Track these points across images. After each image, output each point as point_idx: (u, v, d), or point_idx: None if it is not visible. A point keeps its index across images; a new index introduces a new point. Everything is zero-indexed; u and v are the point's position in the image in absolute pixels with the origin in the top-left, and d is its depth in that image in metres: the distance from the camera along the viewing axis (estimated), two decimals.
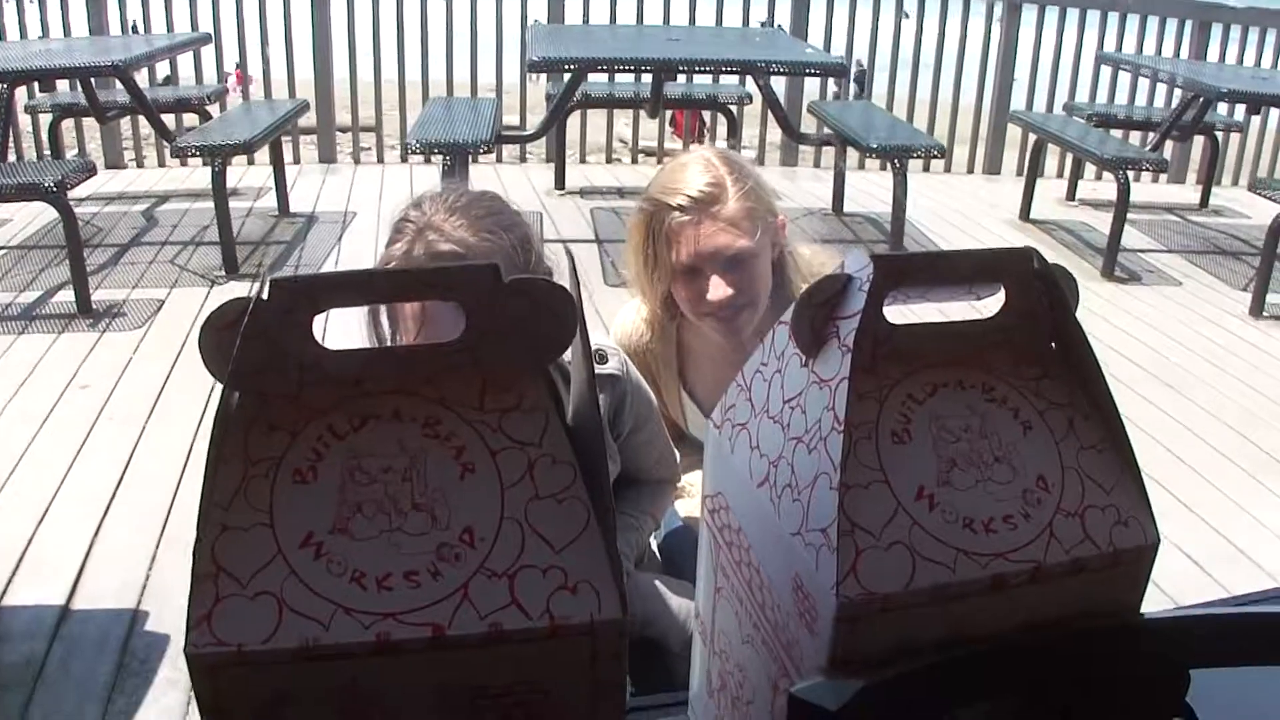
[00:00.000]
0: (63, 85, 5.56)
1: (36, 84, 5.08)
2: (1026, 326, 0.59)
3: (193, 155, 4.40)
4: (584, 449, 0.53)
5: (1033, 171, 5.81)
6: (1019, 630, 0.55)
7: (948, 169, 6.76)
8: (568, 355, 0.57)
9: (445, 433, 0.54)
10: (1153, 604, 0.58)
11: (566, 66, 4.55)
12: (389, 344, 1.27)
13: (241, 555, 0.50)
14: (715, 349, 1.86)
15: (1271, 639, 0.57)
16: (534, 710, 0.52)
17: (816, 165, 6.70)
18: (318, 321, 0.54)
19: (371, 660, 0.49)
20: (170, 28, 6.18)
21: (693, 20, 6.36)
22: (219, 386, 0.53)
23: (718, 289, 1.64)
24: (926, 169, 6.63)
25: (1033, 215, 5.78)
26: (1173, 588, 2.59)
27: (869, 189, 5.96)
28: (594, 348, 1.41)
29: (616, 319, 1.96)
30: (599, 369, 1.39)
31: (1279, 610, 0.57)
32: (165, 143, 5.26)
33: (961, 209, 5.97)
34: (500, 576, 0.50)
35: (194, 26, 6.18)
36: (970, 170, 6.88)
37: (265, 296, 0.53)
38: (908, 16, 6.51)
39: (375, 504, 0.52)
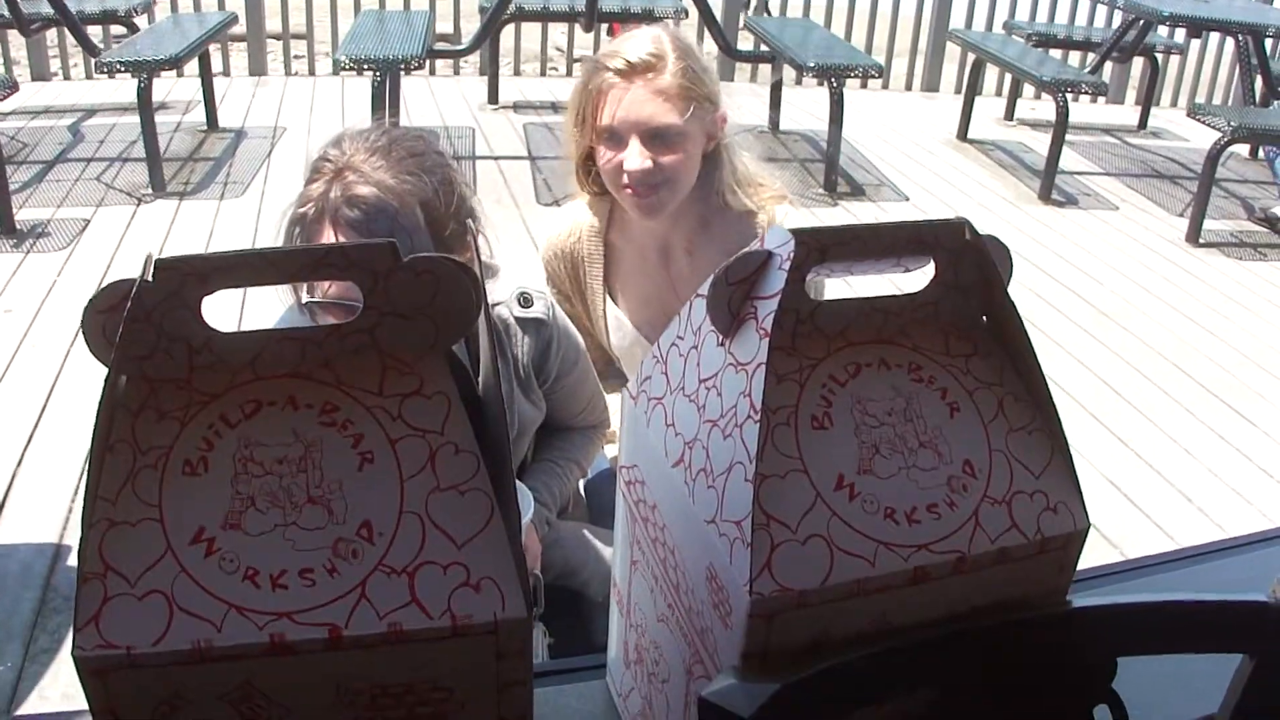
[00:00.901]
0: None
1: None
2: (956, 300, 0.57)
3: (119, 71, 4.23)
4: (488, 436, 0.51)
5: (971, 90, 5.78)
6: (942, 621, 0.54)
7: (885, 86, 6.71)
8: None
9: (342, 420, 0.51)
10: (1091, 548, 0.57)
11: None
12: (306, 299, 1.22)
13: (130, 552, 0.48)
14: (641, 254, 1.85)
15: (1199, 626, 0.56)
16: (438, 709, 0.50)
17: (753, 81, 6.61)
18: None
19: (267, 661, 0.47)
20: None
21: None
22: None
23: (635, 157, 1.63)
24: (864, 86, 6.58)
25: (970, 135, 5.77)
26: (1111, 529, 2.64)
27: (807, 106, 5.90)
28: (520, 291, 1.37)
29: (549, 220, 1.95)
30: (524, 313, 1.36)
31: (1208, 597, 0.56)
32: (90, 57, 5.06)
33: (899, 128, 5.94)
34: (400, 574, 0.48)
35: None
36: (909, 88, 6.84)
37: (150, 278, 0.49)
38: None
39: (269, 497, 0.49)
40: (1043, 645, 0.55)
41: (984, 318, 0.58)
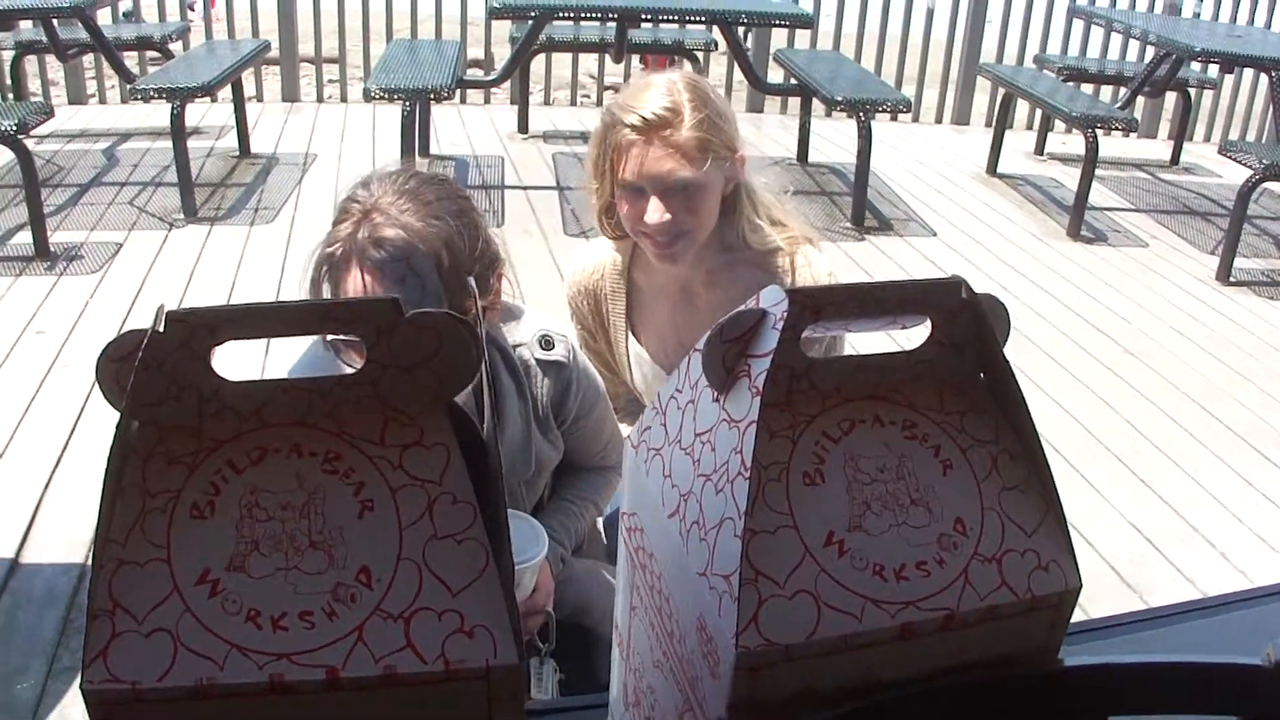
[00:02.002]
0: (26, 24, 5.43)
1: None
2: (952, 358, 0.58)
3: (152, 97, 4.31)
4: (486, 485, 0.52)
5: (1001, 124, 5.79)
6: (930, 676, 0.55)
7: (915, 118, 6.73)
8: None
9: (344, 468, 0.52)
10: (1107, 588, 0.58)
11: (528, 14, 4.47)
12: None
13: (138, 591, 0.49)
14: (663, 293, 1.86)
15: (1192, 688, 0.57)
16: None
17: (784, 113, 6.64)
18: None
19: (266, 700, 0.48)
20: None
21: None
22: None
23: (655, 213, 1.65)
24: (895, 118, 6.59)
25: (1000, 169, 5.77)
26: (1128, 570, 2.62)
27: (835, 139, 5.92)
28: (542, 333, 1.39)
29: (573, 256, 1.96)
30: (545, 355, 1.37)
31: (1201, 659, 0.56)
32: (125, 83, 5.16)
33: (928, 161, 5.95)
34: (396, 619, 0.49)
35: None
36: (939, 120, 6.85)
37: (161, 329, 0.51)
38: None
39: (272, 541, 0.50)
40: (1033, 704, 0.56)
41: (981, 375, 0.59)
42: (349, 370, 0.53)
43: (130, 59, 5.62)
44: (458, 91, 6.21)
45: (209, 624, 0.49)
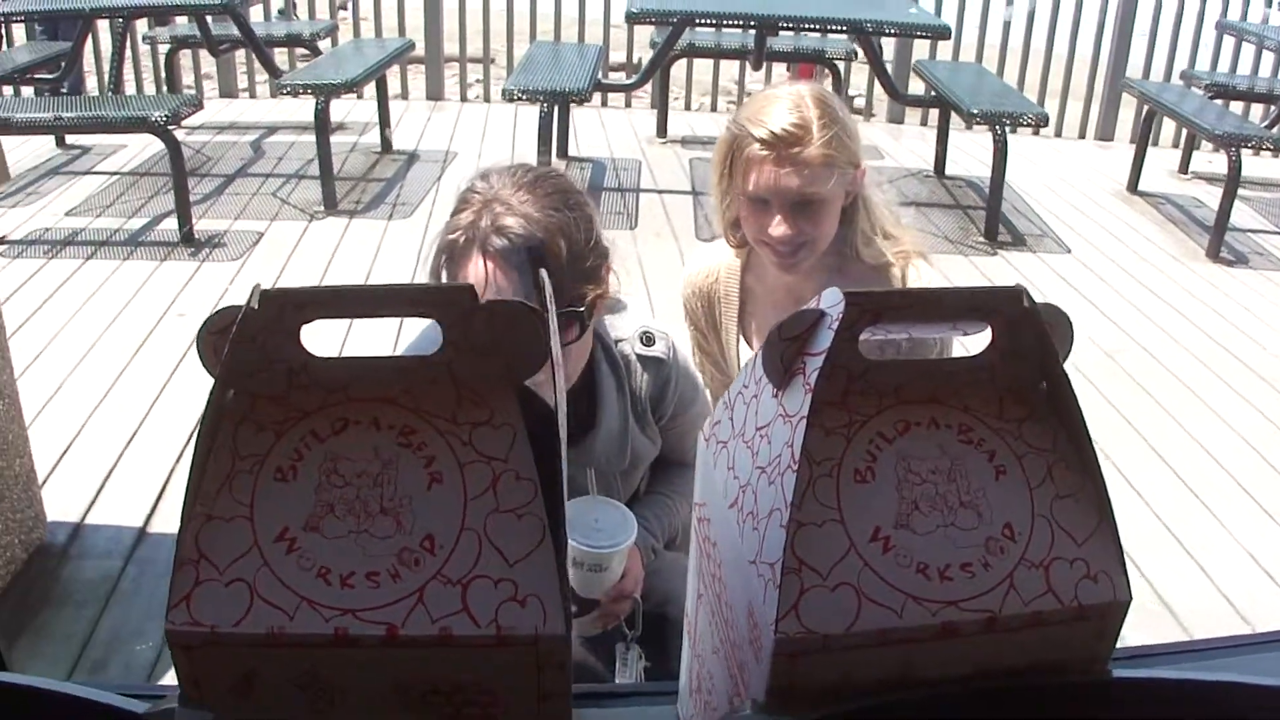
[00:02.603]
0: (182, 20, 5.71)
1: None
2: (1013, 366, 0.59)
3: (298, 93, 4.49)
4: (547, 467, 0.55)
5: (1144, 141, 5.60)
6: (971, 677, 0.55)
7: (1058, 133, 6.56)
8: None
9: (418, 442, 0.56)
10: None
11: (667, 20, 4.51)
12: None
13: (221, 544, 0.54)
14: (775, 296, 1.88)
15: (1242, 709, 0.56)
16: (484, 711, 0.54)
17: (924, 124, 6.55)
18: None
19: (331, 651, 0.52)
20: None
21: None
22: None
23: (779, 226, 1.66)
24: (1036, 133, 6.44)
25: (1141, 187, 5.58)
26: (1247, 606, 2.51)
27: (975, 152, 5.81)
28: (643, 330, 1.42)
29: (689, 258, 1.98)
30: (645, 350, 1.40)
31: (1252, 681, 0.56)
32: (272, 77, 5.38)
33: (1067, 177, 5.79)
34: (455, 584, 0.52)
35: None
36: (1082, 135, 6.66)
37: (255, 306, 0.55)
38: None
39: (347, 505, 0.54)
40: (1076, 712, 0.56)
41: (1043, 384, 0.59)
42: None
43: (280, 55, 5.86)
44: (599, 95, 6.31)
45: (283, 577, 0.53)
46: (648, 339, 1.41)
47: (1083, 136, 6.67)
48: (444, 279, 1.29)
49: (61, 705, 0.55)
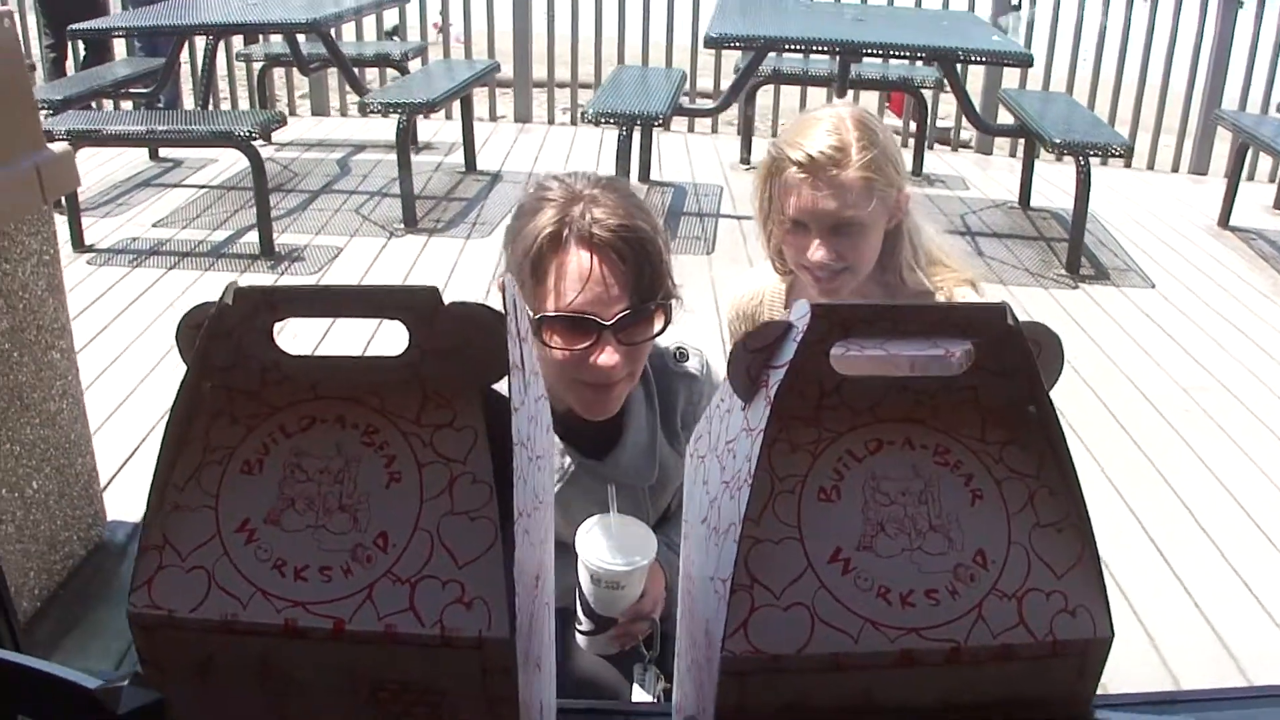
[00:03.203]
0: (276, 38, 5.87)
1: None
2: (998, 387, 0.57)
3: (386, 111, 4.57)
4: (504, 472, 0.55)
5: (1235, 174, 5.42)
6: (935, 710, 0.53)
7: (1150, 166, 6.40)
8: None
9: (380, 441, 0.56)
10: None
11: (747, 45, 4.51)
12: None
13: (185, 532, 0.54)
14: None
15: None
16: (432, 710, 0.54)
17: (1012, 155, 6.44)
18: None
19: (281, 641, 0.52)
20: None
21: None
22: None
23: (818, 250, 1.64)
24: (1128, 165, 6.29)
25: (1233, 222, 5.41)
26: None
27: (1062, 183, 5.69)
28: (676, 344, 1.40)
29: (734, 281, 1.97)
30: (678, 366, 1.39)
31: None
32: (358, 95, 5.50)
33: (1156, 210, 5.64)
34: (404, 582, 0.52)
35: None
36: (1175, 169, 6.49)
37: (230, 302, 0.56)
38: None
39: (307, 500, 0.54)
40: None
41: (1031, 408, 0.57)
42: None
43: (370, 76, 5.99)
44: (685, 120, 6.33)
45: (240, 567, 0.53)
46: (681, 354, 1.40)
47: (1175, 170, 6.50)
48: (530, 279, 1.24)
49: (23, 678, 0.56)
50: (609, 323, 1.17)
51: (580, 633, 1.16)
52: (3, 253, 1.69)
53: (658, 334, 1.24)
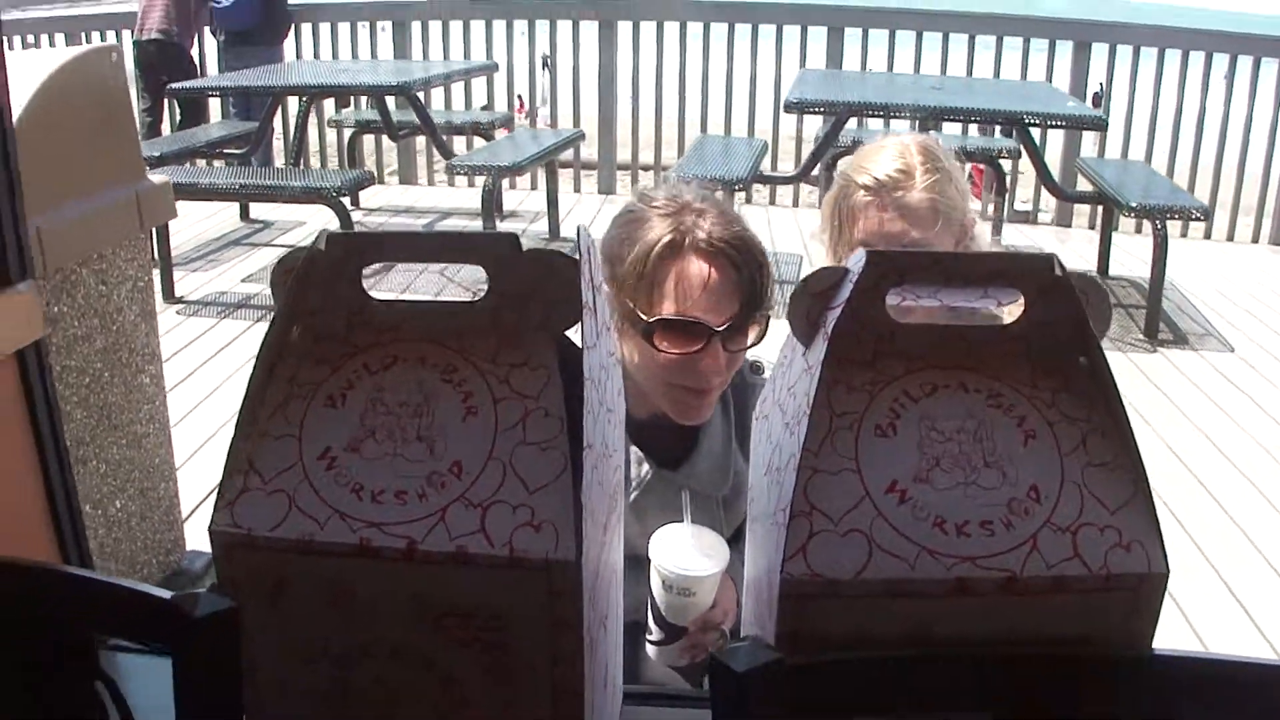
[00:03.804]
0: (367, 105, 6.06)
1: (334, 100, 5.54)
2: (1047, 337, 0.58)
3: (463, 174, 4.69)
4: (576, 407, 0.57)
5: None
6: (991, 642, 0.54)
7: (1230, 237, 6.30)
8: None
9: (459, 379, 0.59)
10: None
11: (822, 109, 4.57)
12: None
13: (269, 459, 0.58)
14: None
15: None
16: (498, 637, 0.56)
17: (1091, 227, 6.39)
18: None
19: (355, 561, 0.55)
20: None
21: (970, 70, 6.26)
22: None
23: None
24: (1207, 236, 6.21)
25: None
26: None
27: (1140, 253, 5.62)
28: (753, 358, 1.42)
29: None
30: (754, 378, 1.40)
31: None
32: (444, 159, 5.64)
33: (1236, 279, 5.54)
34: (476, 506, 0.55)
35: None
36: (1255, 240, 6.38)
37: (322, 248, 0.60)
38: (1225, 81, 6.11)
39: (387, 431, 0.58)
40: (1102, 687, 0.54)
41: (1082, 359, 0.59)
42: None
43: (459, 144, 6.14)
44: (769, 190, 6.37)
45: (320, 490, 0.56)
46: (757, 367, 1.42)
47: (1255, 241, 6.40)
48: (640, 285, 1.24)
49: (96, 595, 0.59)
50: (720, 328, 1.21)
51: (650, 643, 1.17)
52: (100, 275, 1.78)
53: (755, 344, 1.27)
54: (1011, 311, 0.59)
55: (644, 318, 1.22)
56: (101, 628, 0.62)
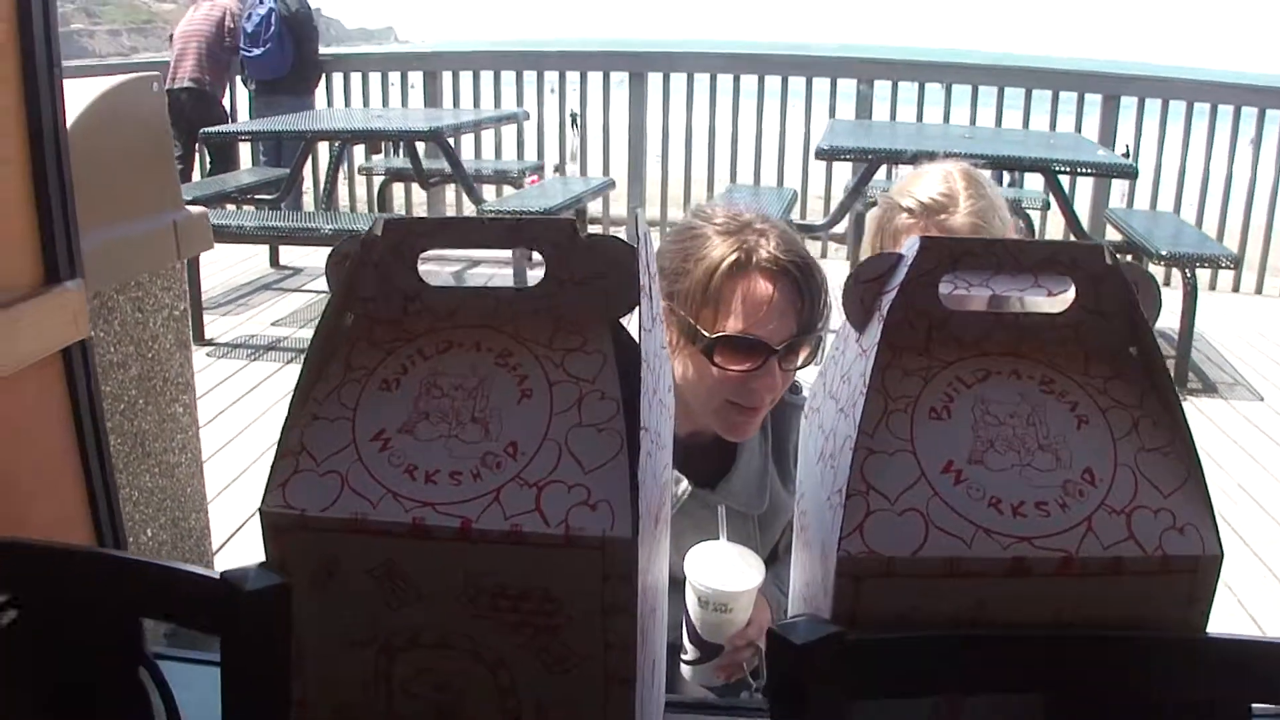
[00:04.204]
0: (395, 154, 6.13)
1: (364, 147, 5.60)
2: (1098, 326, 0.58)
3: (492, 219, 4.72)
4: (632, 390, 0.58)
5: None
6: (1047, 627, 0.54)
7: (1259, 290, 6.28)
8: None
9: (514, 363, 0.59)
10: None
11: (852, 156, 4.59)
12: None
13: (323, 440, 0.58)
14: None
15: None
16: (550, 621, 0.56)
17: None
18: None
19: (408, 542, 0.55)
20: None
21: (998, 121, 6.29)
22: None
23: None
24: (1235, 289, 6.18)
25: None
26: None
27: (1170, 305, 5.60)
28: (794, 380, 1.42)
29: None
30: (792, 399, 1.39)
31: None
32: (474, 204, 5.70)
33: (1264, 330, 5.50)
34: (531, 486, 0.55)
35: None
36: None
37: (378, 234, 0.61)
38: (1253, 144, 6.12)
39: (441, 414, 0.58)
40: (1158, 670, 0.53)
41: (1132, 349, 0.59)
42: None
43: (490, 192, 6.19)
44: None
45: (373, 471, 0.56)
46: (796, 387, 1.41)
47: None
48: (700, 301, 1.24)
49: (143, 579, 0.59)
50: (779, 348, 1.21)
51: (685, 662, 1.16)
52: (137, 302, 1.80)
53: (805, 365, 1.27)
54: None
55: (706, 334, 1.22)
56: (147, 610, 0.62)
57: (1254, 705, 0.54)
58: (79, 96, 1.69)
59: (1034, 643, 0.52)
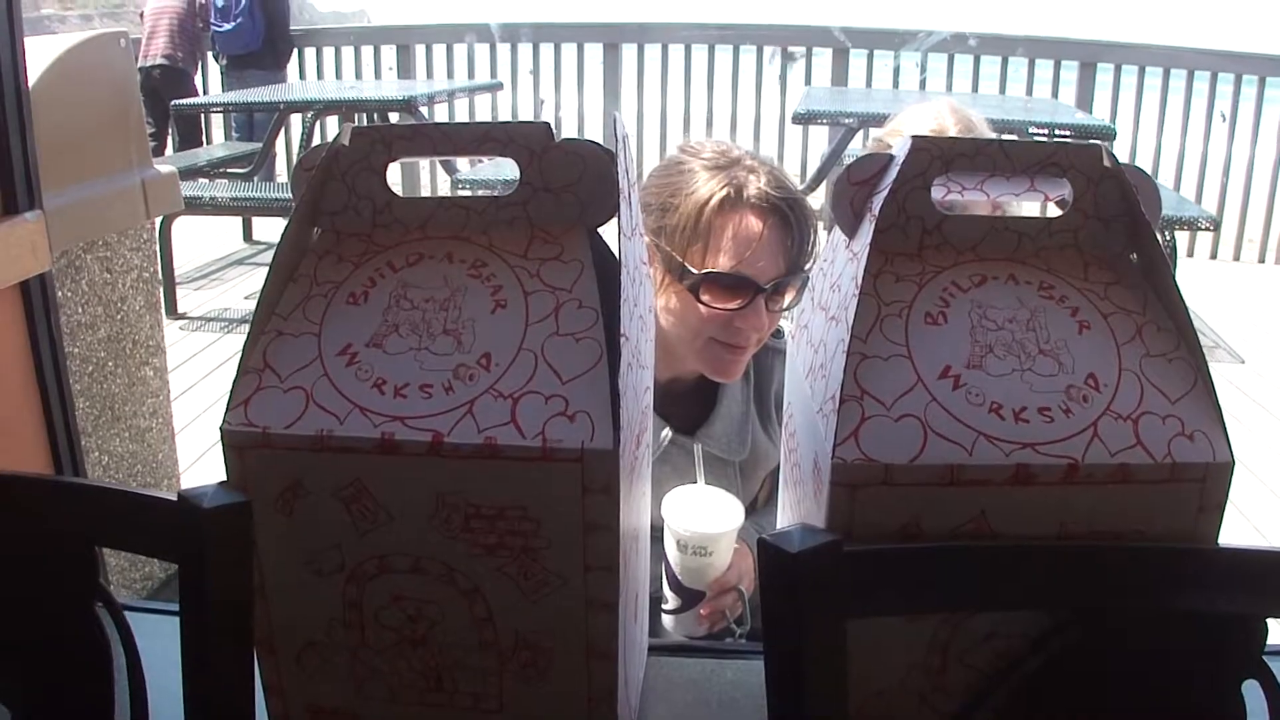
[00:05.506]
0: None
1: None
2: (1097, 231, 0.56)
3: (465, 188, 4.67)
4: (610, 297, 0.55)
5: None
6: (1051, 539, 0.51)
7: (1236, 257, 6.30)
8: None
9: (488, 274, 0.56)
10: None
11: (828, 120, 4.56)
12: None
13: (286, 356, 0.55)
14: None
15: None
16: (527, 542, 0.53)
17: None
18: None
19: (376, 459, 0.52)
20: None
21: (975, 87, 6.26)
22: None
23: None
24: (1213, 256, 6.20)
25: None
26: None
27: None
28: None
29: None
30: (775, 343, 1.36)
31: None
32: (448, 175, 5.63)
33: (1245, 295, 5.53)
34: (506, 398, 0.52)
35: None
36: (1261, 260, 6.37)
37: (346, 143, 0.57)
38: (1224, 119, 6.12)
39: (411, 326, 0.55)
40: (1168, 583, 0.51)
41: (1133, 255, 0.56)
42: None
43: (462, 164, 6.13)
44: None
45: (340, 386, 0.53)
46: (778, 332, 1.38)
47: (1262, 261, 6.39)
48: (688, 237, 1.21)
49: (100, 504, 0.56)
50: (766, 286, 1.19)
51: (666, 612, 1.13)
52: (105, 262, 1.75)
53: (792, 305, 1.24)
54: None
55: (694, 271, 1.19)
56: (103, 538, 0.59)
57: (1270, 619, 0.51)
58: (44, 52, 1.64)
59: (1039, 555, 0.50)
